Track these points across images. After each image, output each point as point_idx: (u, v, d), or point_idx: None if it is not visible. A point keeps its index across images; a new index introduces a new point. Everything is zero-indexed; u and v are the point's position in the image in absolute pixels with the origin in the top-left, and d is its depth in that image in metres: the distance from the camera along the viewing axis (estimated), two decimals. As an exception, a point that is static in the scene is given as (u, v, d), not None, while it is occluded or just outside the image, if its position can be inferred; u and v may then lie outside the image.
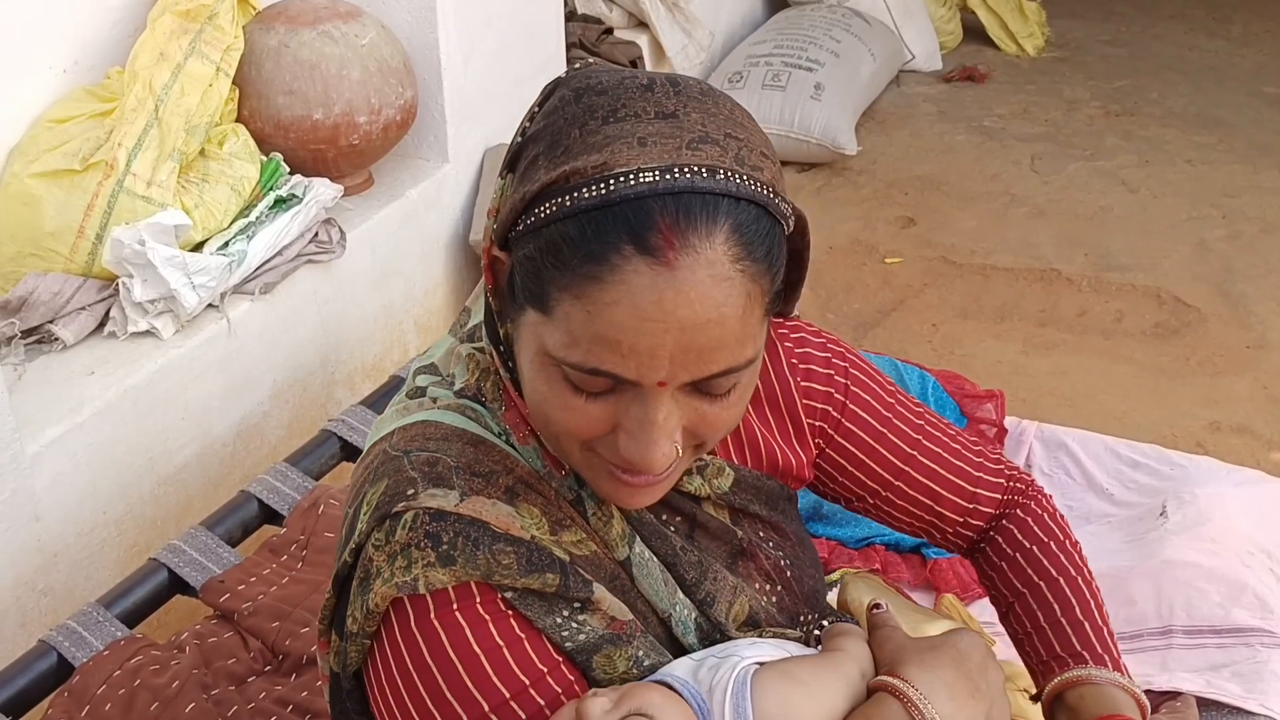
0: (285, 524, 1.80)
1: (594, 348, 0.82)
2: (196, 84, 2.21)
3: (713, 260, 0.81)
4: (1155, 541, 1.75)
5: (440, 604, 0.88)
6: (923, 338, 3.34)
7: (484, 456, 0.93)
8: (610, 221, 0.81)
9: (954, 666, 0.93)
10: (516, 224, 0.87)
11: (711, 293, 0.81)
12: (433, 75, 2.73)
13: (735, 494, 1.04)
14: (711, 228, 0.81)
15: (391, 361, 2.65)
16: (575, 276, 0.81)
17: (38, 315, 2.04)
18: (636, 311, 0.80)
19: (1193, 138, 4.51)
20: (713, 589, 0.99)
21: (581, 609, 0.91)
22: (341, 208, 2.50)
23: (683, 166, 0.82)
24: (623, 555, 0.96)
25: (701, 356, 0.83)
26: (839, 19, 4.58)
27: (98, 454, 1.96)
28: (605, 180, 0.81)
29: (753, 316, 0.85)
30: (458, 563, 0.87)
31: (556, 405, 0.87)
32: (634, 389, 0.84)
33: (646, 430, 0.85)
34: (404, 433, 0.96)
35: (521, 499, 0.92)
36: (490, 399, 0.97)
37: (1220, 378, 3.16)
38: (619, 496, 0.91)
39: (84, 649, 1.56)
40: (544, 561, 0.89)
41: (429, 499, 0.89)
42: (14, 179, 2.09)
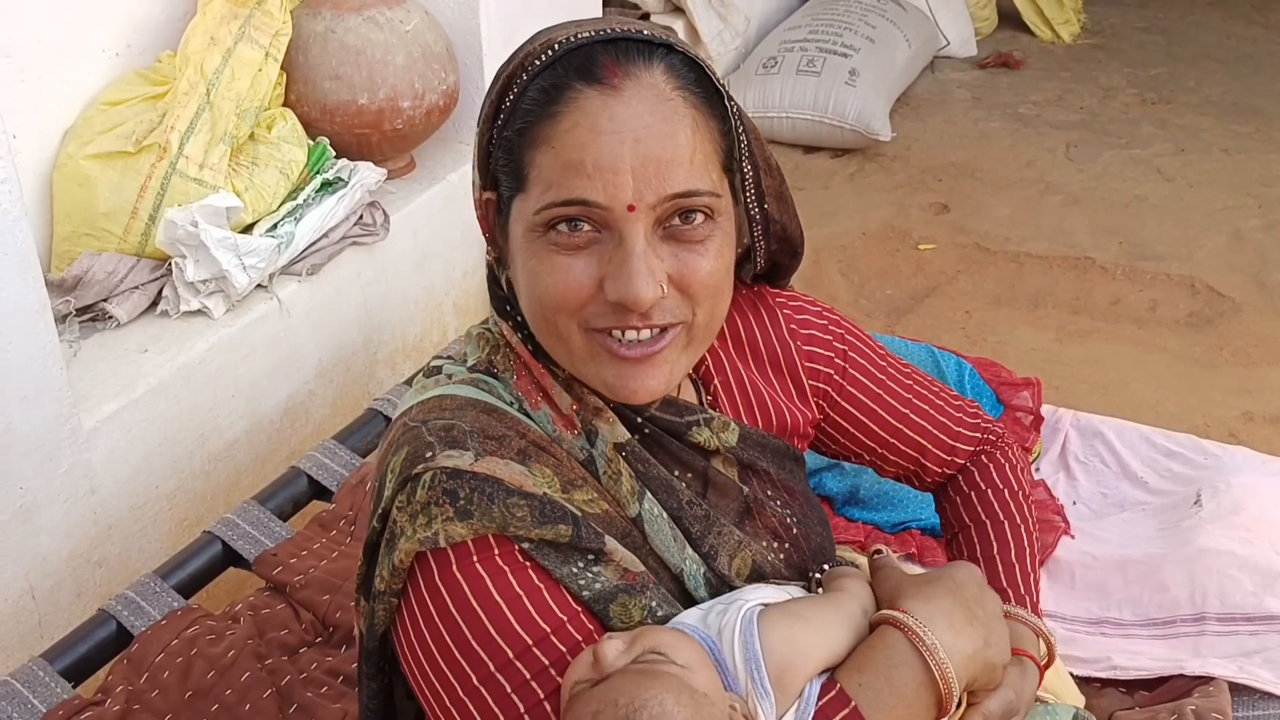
0: (334, 500, 1.85)
1: (564, 179, 0.92)
2: (246, 68, 2.25)
3: (653, 84, 0.93)
4: (1189, 530, 1.77)
5: (461, 556, 0.93)
6: (956, 324, 3.35)
7: (497, 423, 0.99)
8: (560, 70, 0.93)
9: (951, 596, 0.99)
10: (491, 139, 0.98)
11: (657, 108, 0.93)
12: (474, 60, 2.76)
13: (743, 449, 1.10)
14: (650, 62, 0.94)
15: (431, 343, 2.69)
16: (540, 127, 0.93)
17: (92, 294, 2.09)
18: (592, 128, 0.91)
19: (1229, 126, 4.48)
20: (716, 542, 1.04)
21: (595, 560, 0.96)
22: (385, 191, 2.54)
23: (618, 25, 0.97)
24: (634, 512, 1.01)
25: (660, 171, 0.91)
26: (874, 4, 4.58)
27: (151, 429, 2.01)
28: (551, 46, 0.95)
29: (704, 147, 0.95)
30: (474, 516, 0.92)
31: (547, 276, 0.94)
32: (612, 235, 0.93)
33: (628, 263, 0.92)
34: (421, 406, 1.02)
35: (534, 460, 0.97)
36: (502, 369, 1.04)
37: (1254, 368, 3.16)
38: (623, 379, 0.96)
39: (142, 618, 1.61)
40: (556, 514, 0.94)
41: (445, 459, 0.94)
42: (69, 160, 2.14)
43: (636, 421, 1.04)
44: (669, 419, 1.05)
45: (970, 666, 0.96)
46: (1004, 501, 1.25)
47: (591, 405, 1.02)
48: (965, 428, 1.26)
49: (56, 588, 1.90)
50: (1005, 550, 1.21)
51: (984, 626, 0.98)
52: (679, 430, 1.06)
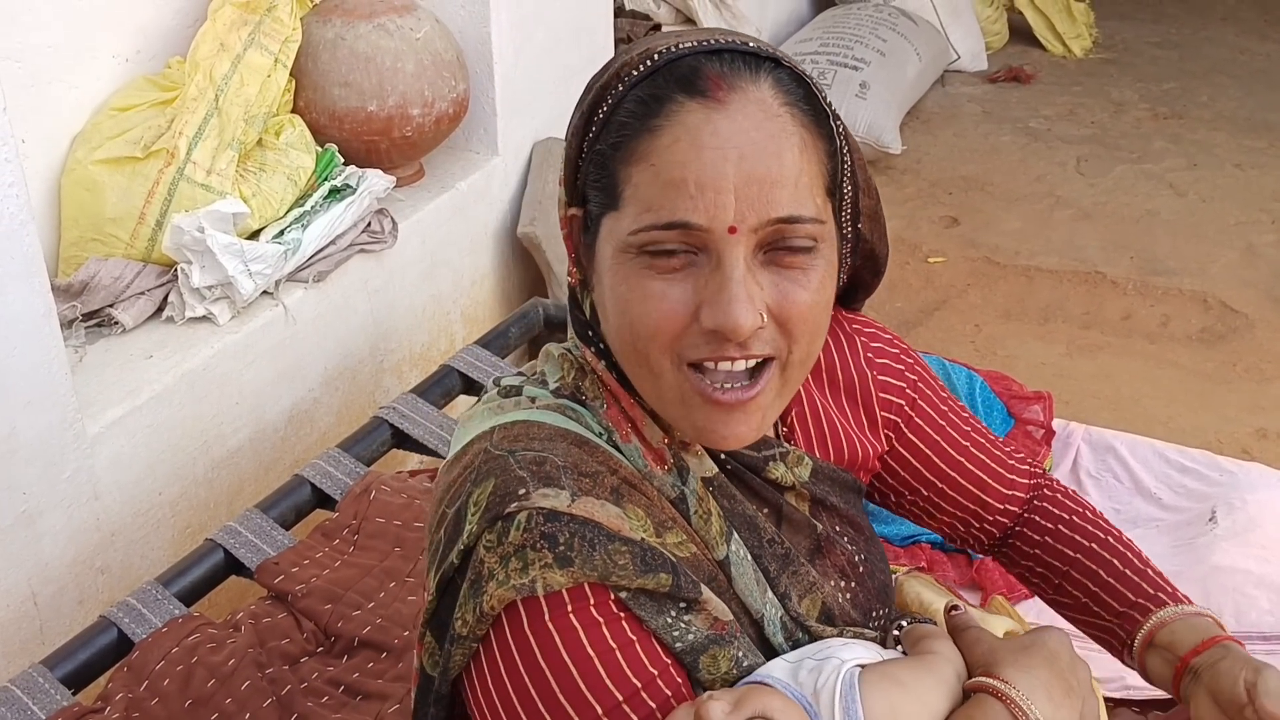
0: (337, 509, 1.83)
1: (663, 200, 0.86)
2: (255, 75, 2.24)
3: (761, 99, 0.88)
4: (1204, 547, 1.75)
5: (554, 606, 0.87)
6: (965, 338, 3.34)
7: (589, 456, 0.93)
8: (661, 82, 0.88)
9: (1048, 666, 0.94)
10: (581, 153, 0.93)
11: (764, 124, 0.87)
12: (484, 69, 2.75)
13: (815, 483, 1.05)
14: (756, 76, 0.88)
15: (438, 351, 2.68)
16: (637, 141, 0.88)
17: (98, 299, 2.08)
18: (695, 143, 0.86)
19: (1242, 141, 4.47)
20: (789, 583, 1.00)
21: (688, 609, 0.90)
22: (393, 198, 2.53)
23: (722, 37, 0.91)
24: (721, 555, 0.96)
25: (764, 193, 0.86)
26: (885, 18, 4.58)
27: (155, 436, 2.00)
28: (650, 56, 0.90)
29: (810, 169, 0.89)
30: (575, 564, 0.87)
31: (638, 302, 0.89)
32: (709, 258, 0.87)
33: (726, 289, 0.86)
34: (505, 431, 0.95)
35: (627, 499, 0.92)
36: (590, 397, 0.98)
37: (1268, 384, 3.14)
38: (713, 424, 0.91)
39: (143, 626, 1.60)
40: (657, 562, 0.89)
41: (541, 499, 0.88)
42: (77, 165, 2.13)
43: (720, 456, 0.99)
44: (748, 454, 1.00)
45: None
46: (1086, 526, 1.19)
47: (679, 438, 0.97)
48: (1018, 473, 1.22)
49: (59, 594, 1.89)
50: (1125, 566, 1.15)
51: (1079, 698, 0.94)
52: (757, 465, 1.01)
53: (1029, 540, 1.21)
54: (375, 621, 1.62)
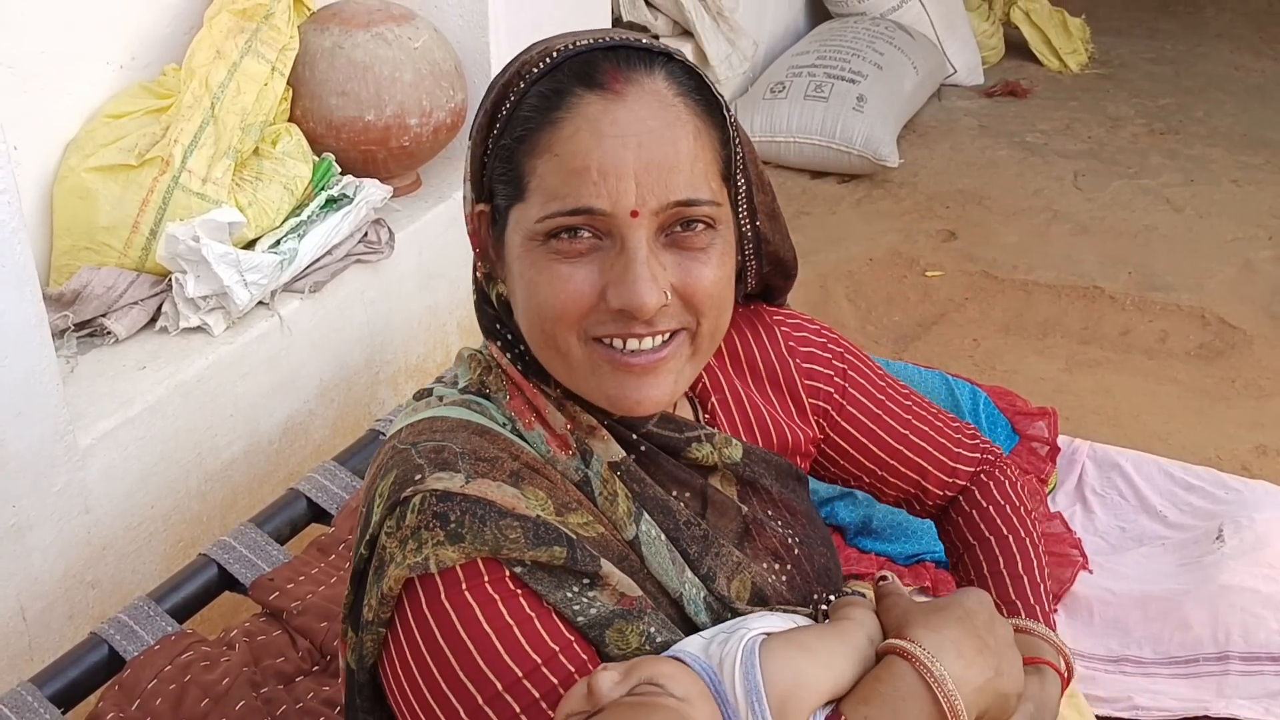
0: (333, 523, 1.80)
1: (568, 187, 0.90)
2: (252, 83, 2.22)
3: (656, 90, 0.92)
4: (1211, 566, 1.73)
5: (450, 584, 0.89)
6: (964, 352, 3.32)
7: (489, 444, 0.96)
8: (560, 77, 0.92)
9: (960, 624, 0.95)
10: (486, 150, 0.97)
11: (659, 113, 0.91)
12: (482, 79, 2.73)
13: (747, 465, 1.07)
14: (651, 69, 0.93)
15: (434, 363, 2.65)
16: (540, 134, 0.92)
17: (91, 309, 2.05)
18: (595, 132, 0.90)
19: (1239, 157, 4.46)
20: (714, 564, 1.01)
21: (591, 584, 0.92)
22: (390, 208, 2.50)
23: (616, 35, 0.95)
24: (630, 534, 0.97)
25: (663, 178, 0.90)
26: (882, 31, 4.57)
27: (147, 448, 1.96)
28: (550, 54, 0.94)
29: (705, 155, 0.94)
30: (465, 539, 0.89)
31: (547, 286, 0.92)
32: (614, 242, 0.91)
33: (631, 269, 0.90)
34: (411, 428, 0.99)
35: (527, 482, 0.94)
36: (494, 390, 1.01)
37: (1267, 400, 3.12)
38: (624, 390, 0.94)
39: (135, 643, 1.56)
40: (550, 535, 0.91)
41: (435, 482, 0.91)
42: (70, 173, 2.10)
43: (632, 439, 1.01)
44: (666, 435, 1.03)
45: (981, 697, 0.93)
46: (1006, 517, 1.22)
47: (585, 424, 0.99)
48: (965, 449, 1.24)
49: (48, 609, 1.85)
50: (1012, 564, 1.19)
51: (995, 655, 0.95)
52: (677, 447, 1.03)
53: (951, 514, 1.25)
54: (372, 639, 1.59)
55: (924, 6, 4.80)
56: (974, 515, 1.23)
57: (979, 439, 1.27)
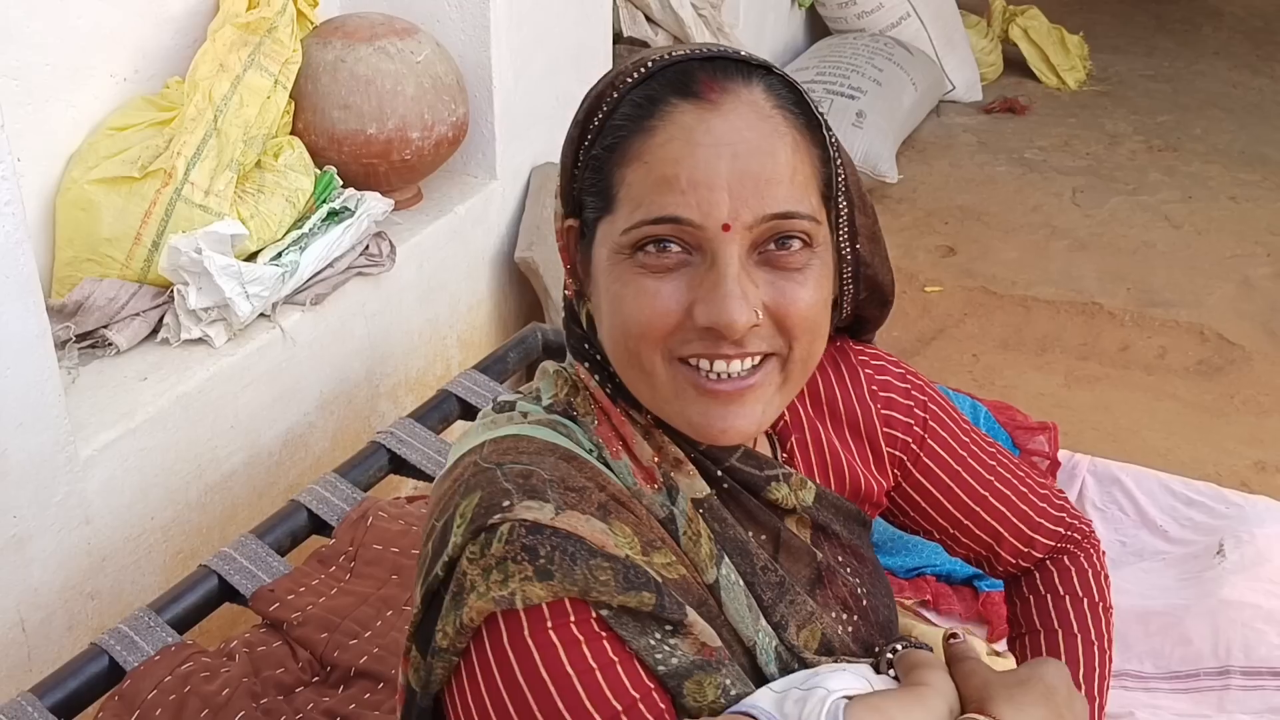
0: (334, 535, 1.80)
1: (656, 195, 0.87)
2: (255, 96, 2.23)
3: (753, 100, 0.89)
4: (1212, 580, 1.73)
5: (535, 620, 0.85)
6: (963, 368, 3.32)
7: (577, 472, 0.92)
8: (655, 86, 0.89)
9: (1044, 702, 0.91)
10: (576, 163, 0.93)
11: (757, 124, 0.88)
12: (484, 93, 2.74)
13: (819, 510, 1.03)
14: (749, 80, 0.90)
15: (435, 376, 2.65)
16: (631, 142, 0.89)
17: (93, 320, 2.05)
18: (689, 141, 0.86)
19: (1237, 174, 4.48)
20: (787, 612, 0.97)
21: (674, 632, 0.88)
22: (391, 222, 2.51)
23: (713, 47, 0.92)
24: (711, 578, 0.94)
25: (759, 190, 0.86)
26: (881, 47, 4.59)
27: (148, 459, 1.96)
28: (644, 64, 0.91)
29: (804, 169, 0.90)
30: (555, 577, 0.85)
31: (632, 301, 0.88)
32: (703, 257, 0.87)
33: (721, 285, 0.86)
34: (495, 445, 0.95)
35: (614, 516, 0.90)
36: (582, 413, 0.97)
37: (1266, 417, 3.13)
38: (709, 417, 0.89)
39: (135, 653, 1.56)
40: (640, 580, 0.87)
41: (524, 511, 0.87)
42: (73, 185, 2.11)
43: (716, 475, 0.97)
44: (749, 472, 0.98)
45: None
46: (1080, 613, 1.16)
47: (671, 457, 0.95)
48: (1048, 519, 1.18)
49: (47, 620, 1.85)
50: (1074, 668, 1.13)
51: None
52: (757, 485, 0.99)
53: (1024, 590, 1.19)
54: (372, 651, 1.59)
55: (923, 23, 4.82)
56: (1047, 600, 1.17)
57: (1066, 510, 1.21)
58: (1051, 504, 1.19)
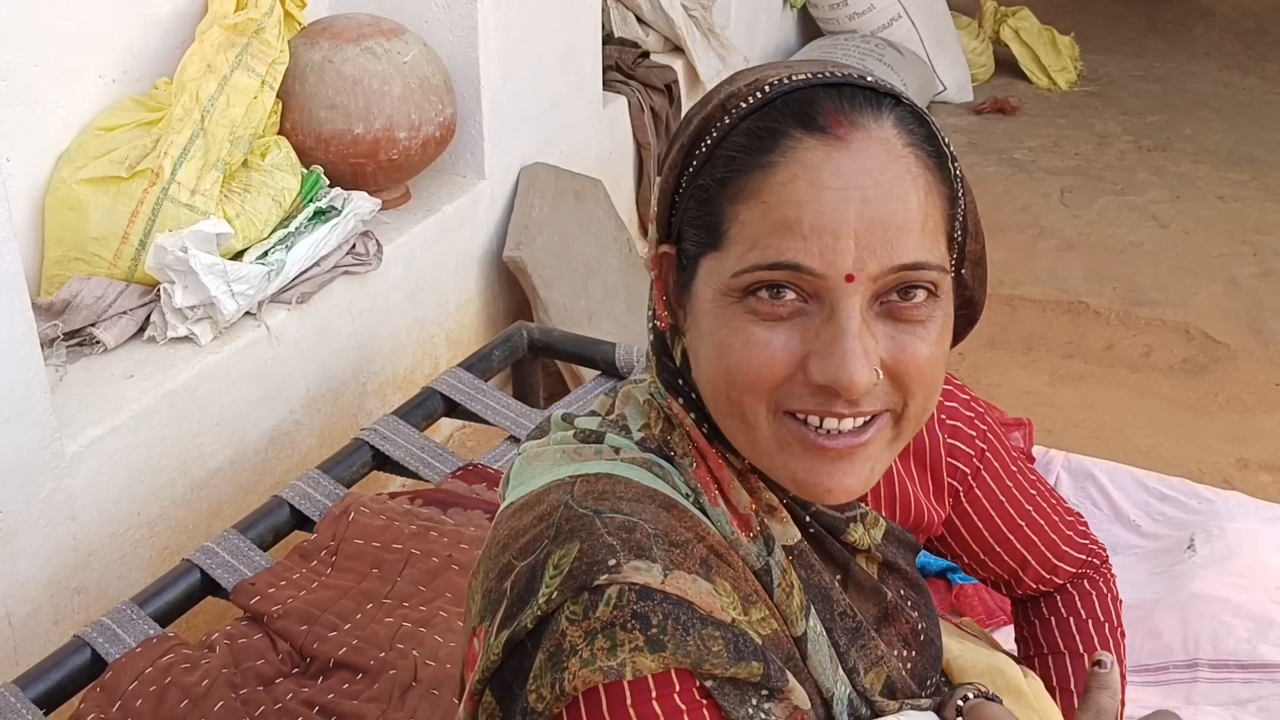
0: (316, 530, 1.82)
1: (774, 239, 0.80)
2: (242, 96, 2.25)
3: (884, 138, 0.81)
4: (1182, 575, 1.75)
5: (638, 692, 0.80)
6: (950, 366, 3.32)
7: (677, 522, 0.86)
8: (775, 115, 0.82)
9: None
10: (679, 188, 0.87)
11: (889, 165, 0.80)
12: (472, 93, 2.76)
13: (886, 546, 0.99)
14: (878, 113, 0.82)
15: (422, 374, 2.68)
16: (748, 177, 0.81)
17: (80, 318, 2.07)
18: (814, 182, 0.79)
19: (1225, 174, 4.50)
20: (858, 657, 0.94)
21: (769, 697, 0.84)
22: (379, 221, 2.53)
23: (837, 69, 0.84)
24: (800, 630, 0.90)
25: (888, 238, 0.79)
26: (872, 48, 4.62)
27: (134, 456, 1.99)
28: (761, 88, 0.83)
29: (934, 214, 0.83)
30: (668, 649, 0.80)
31: (741, 349, 0.82)
32: (821, 307, 0.81)
33: (841, 341, 0.80)
34: (588, 486, 0.88)
35: (715, 572, 0.85)
36: (679, 454, 0.91)
37: (1249, 415, 3.15)
38: (816, 475, 0.84)
39: (117, 646, 1.58)
40: (749, 649, 0.83)
41: (633, 573, 0.81)
42: (61, 184, 2.13)
43: (805, 520, 0.93)
44: (833, 515, 0.94)
45: None
46: (1104, 636, 1.16)
47: (767, 503, 0.91)
48: (1073, 547, 1.17)
49: (33, 614, 1.87)
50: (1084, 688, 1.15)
51: None
52: (839, 528, 0.95)
53: (1043, 610, 1.19)
54: (351, 642, 1.61)
55: (914, 24, 4.85)
56: (1070, 623, 1.16)
57: (1088, 538, 1.20)
58: (1076, 532, 1.18)
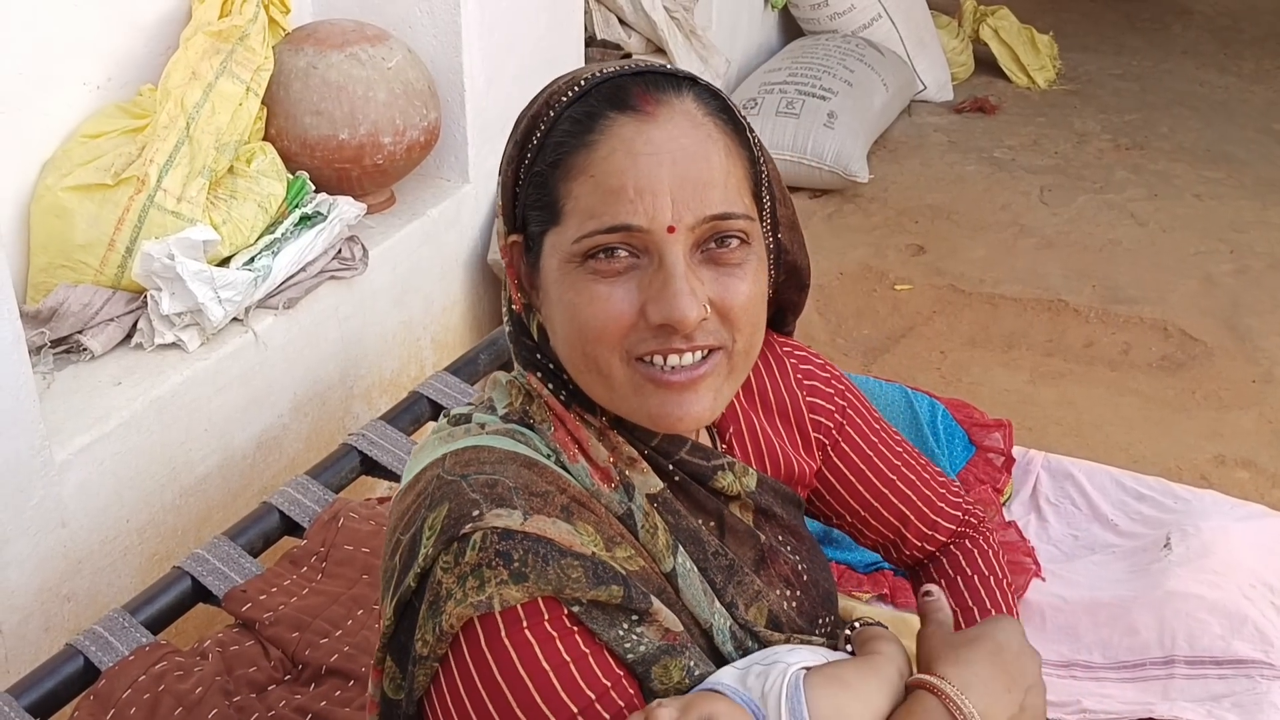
0: (305, 536, 1.84)
1: (605, 206, 0.92)
2: (227, 103, 2.26)
3: (686, 110, 0.95)
4: (1159, 573, 1.78)
5: (510, 622, 0.89)
6: (931, 365, 3.38)
7: (538, 477, 0.96)
8: (592, 102, 0.95)
9: (990, 659, 0.97)
10: (518, 180, 0.98)
11: (691, 131, 0.94)
12: (456, 98, 2.78)
13: (760, 494, 1.09)
14: (679, 91, 0.96)
15: (409, 377, 2.69)
16: (575, 156, 0.94)
17: (67, 325, 2.08)
18: (630, 152, 0.92)
19: (1202, 172, 4.55)
20: (736, 592, 1.03)
21: (639, 621, 0.93)
22: (364, 225, 2.54)
23: (640, 62, 0.99)
24: (668, 567, 0.99)
25: (698, 193, 0.92)
26: (853, 48, 4.64)
27: (123, 463, 2.00)
28: (578, 82, 0.97)
29: (736, 172, 0.96)
30: (530, 579, 0.89)
31: (587, 306, 0.94)
32: (651, 259, 0.93)
33: (671, 283, 0.91)
34: (456, 457, 0.98)
35: (576, 516, 0.95)
36: (538, 421, 1.02)
37: (1226, 412, 3.19)
38: (666, 407, 0.95)
39: (110, 654, 1.60)
40: (608, 574, 0.92)
41: (495, 519, 0.91)
42: (47, 192, 2.14)
43: (668, 469, 1.03)
44: (697, 463, 1.04)
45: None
46: (987, 589, 1.23)
47: (626, 456, 1.01)
48: (948, 504, 1.25)
49: (24, 621, 1.88)
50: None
51: (1021, 690, 0.97)
52: (705, 475, 1.05)
53: (933, 575, 1.26)
54: (343, 649, 1.63)
55: (894, 24, 4.88)
56: (958, 581, 1.24)
57: (963, 499, 1.28)
58: (951, 491, 1.26)
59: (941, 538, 1.26)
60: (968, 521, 1.27)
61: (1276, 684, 1.62)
